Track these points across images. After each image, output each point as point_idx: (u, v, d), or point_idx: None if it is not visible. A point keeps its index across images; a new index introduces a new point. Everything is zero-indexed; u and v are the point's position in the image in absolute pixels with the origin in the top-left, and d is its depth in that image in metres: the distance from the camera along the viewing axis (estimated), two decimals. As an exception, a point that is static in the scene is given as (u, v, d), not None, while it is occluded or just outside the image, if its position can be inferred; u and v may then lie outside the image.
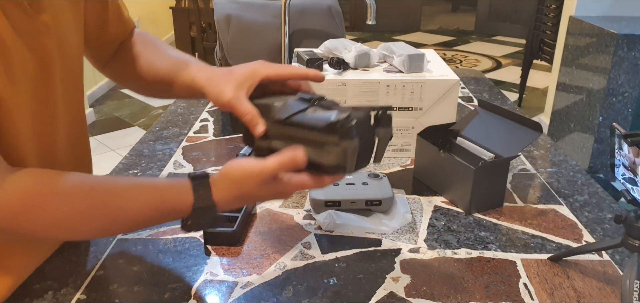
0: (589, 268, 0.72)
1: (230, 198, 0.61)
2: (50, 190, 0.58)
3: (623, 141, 0.60)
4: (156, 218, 0.63)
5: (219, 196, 0.61)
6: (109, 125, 3.62)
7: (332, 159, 0.58)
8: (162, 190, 0.62)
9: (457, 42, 6.26)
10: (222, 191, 0.61)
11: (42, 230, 0.59)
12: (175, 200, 0.61)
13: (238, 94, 0.64)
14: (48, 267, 0.71)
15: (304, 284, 0.68)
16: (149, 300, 0.65)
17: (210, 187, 0.61)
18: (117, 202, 0.60)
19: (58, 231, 0.61)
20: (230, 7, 1.31)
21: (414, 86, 0.99)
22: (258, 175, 0.59)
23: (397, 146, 1.05)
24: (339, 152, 0.57)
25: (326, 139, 0.57)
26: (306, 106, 0.61)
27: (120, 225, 0.63)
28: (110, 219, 0.61)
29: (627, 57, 2.50)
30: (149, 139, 1.13)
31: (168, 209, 0.61)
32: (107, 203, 0.60)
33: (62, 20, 0.66)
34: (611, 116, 2.61)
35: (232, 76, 0.66)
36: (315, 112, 0.60)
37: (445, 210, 0.86)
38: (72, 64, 0.70)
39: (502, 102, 1.38)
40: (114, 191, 0.61)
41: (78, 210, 0.59)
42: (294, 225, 0.81)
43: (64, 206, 0.58)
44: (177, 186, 0.62)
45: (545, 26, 3.52)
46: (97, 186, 0.61)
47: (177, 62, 0.76)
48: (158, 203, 0.61)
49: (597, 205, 0.89)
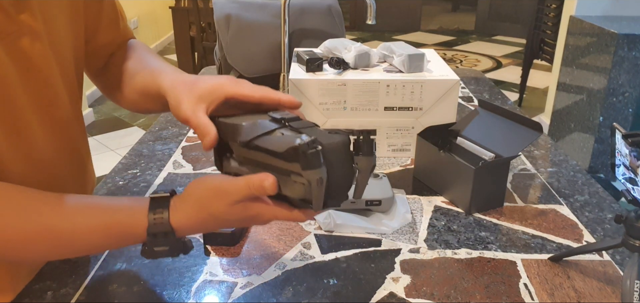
0: (590, 269, 0.71)
1: (194, 220, 0.55)
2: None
3: (623, 140, 0.59)
4: (109, 242, 0.58)
5: (179, 218, 0.55)
6: (108, 125, 3.62)
7: (297, 191, 0.50)
8: (114, 212, 0.57)
9: (457, 42, 6.26)
10: (184, 212, 0.55)
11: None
12: (127, 224, 0.56)
13: (195, 108, 0.57)
14: (48, 267, 0.71)
15: (304, 284, 0.68)
16: (149, 300, 0.65)
17: (168, 209, 0.55)
18: (64, 225, 0.56)
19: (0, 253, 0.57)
20: (230, 7, 1.30)
21: (414, 85, 0.99)
22: (228, 195, 0.53)
23: (397, 146, 1.05)
24: (302, 183, 0.49)
25: (289, 166, 0.49)
26: (274, 127, 0.53)
27: (67, 250, 0.58)
28: (54, 244, 0.56)
29: (627, 57, 2.50)
30: (148, 139, 1.13)
31: (119, 233, 0.56)
32: (53, 227, 0.55)
33: (54, 22, 0.64)
34: (611, 116, 2.61)
35: (194, 87, 0.60)
36: (283, 135, 0.52)
37: (446, 210, 0.86)
38: (66, 63, 0.68)
39: (502, 102, 1.38)
40: (61, 213, 0.56)
41: (21, 233, 0.54)
42: (293, 225, 0.81)
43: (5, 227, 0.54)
44: (131, 207, 0.57)
45: (546, 26, 3.52)
46: (43, 206, 0.56)
47: (150, 71, 0.70)
48: (108, 227, 0.56)
49: (597, 205, 0.89)
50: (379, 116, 1.01)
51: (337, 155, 0.51)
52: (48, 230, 0.56)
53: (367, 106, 1.00)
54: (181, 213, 0.55)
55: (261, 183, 0.51)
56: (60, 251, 0.59)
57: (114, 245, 0.60)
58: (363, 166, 0.53)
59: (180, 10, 4.17)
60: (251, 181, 0.51)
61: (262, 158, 0.52)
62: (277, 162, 0.51)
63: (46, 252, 0.59)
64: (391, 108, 1.01)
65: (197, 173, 0.98)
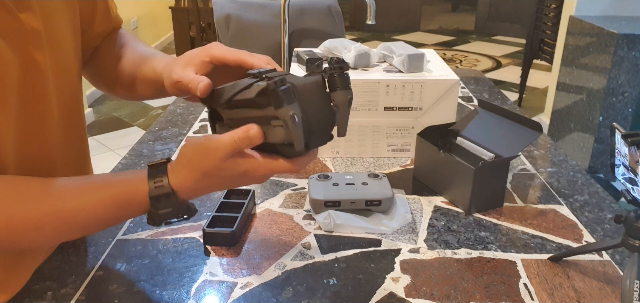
0: (589, 268, 0.72)
1: (191, 180, 0.57)
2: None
3: (623, 140, 0.59)
4: (114, 215, 0.60)
5: (177, 180, 0.57)
6: (108, 125, 3.62)
7: (278, 135, 0.53)
8: (115, 185, 0.59)
9: (457, 42, 6.26)
10: (180, 174, 0.57)
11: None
12: (129, 193, 0.58)
13: (184, 69, 0.62)
14: (47, 267, 0.71)
15: (304, 284, 0.68)
16: (149, 300, 0.65)
17: (167, 173, 0.57)
18: (68, 205, 0.57)
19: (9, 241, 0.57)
20: (230, 7, 1.30)
21: (413, 85, 0.99)
22: (216, 151, 0.55)
23: (397, 146, 1.05)
24: (281, 125, 0.51)
25: (266, 113, 0.52)
26: (252, 81, 0.55)
27: (74, 229, 0.60)
28: (61, 225, 0.57)
29: (627, 57, 2.50)
30: (148, 140, 1.13)
31: (123, 203, 0.58)
32: (59, 208, 0.57)
33: (54, 19, 0.64)
34: (611, 116, 2.61)
35: (183, 57, 0.64)
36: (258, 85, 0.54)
37: (445, 210, 0.86)
38: (66, 63, 0.68)
39: (502, 102, 1.38)
40: (64, 194, 0.58)
41: (28, 220, 0.55)
42: (293, 225, 0.81)
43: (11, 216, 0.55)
44: (131, 178, 0.59)
45: (545, 26, 3.53)
46: (46, 191, 0.58)
47: (144, 58, 0.73)
48: (111, 199, 0.58)
49: (597, 204, 0.89)
50: (378, 116, 1.01)
51: (311, 94, 0.53)
52: (54, 212, 0.57)
53: (366, 106, 1.00)
54: (178, 175, 0.58)
55: (246, 134, 0.54)
56: (67, 231, 0.60)
57: (118, 217, 0.61)
58: (340, 100, 0.55)
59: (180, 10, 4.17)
60: (236, 134, 0.55)
61: (244, 114, 0.55)
62: (256, 112, 0.53)
63: (54, 235, 0.60)
64: (391, 108, 1.01)
65: (197, 173, 0.98)
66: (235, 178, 0.58)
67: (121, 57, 0.78)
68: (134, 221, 0.81)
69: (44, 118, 0.64)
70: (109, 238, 0.77)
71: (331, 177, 0.88)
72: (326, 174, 0.88)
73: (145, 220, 0.60)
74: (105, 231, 0.79)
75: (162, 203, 0.58)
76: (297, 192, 0.91)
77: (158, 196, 0.57)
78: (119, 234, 0.78)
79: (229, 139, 0.55)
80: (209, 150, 0.56)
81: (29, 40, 0.59)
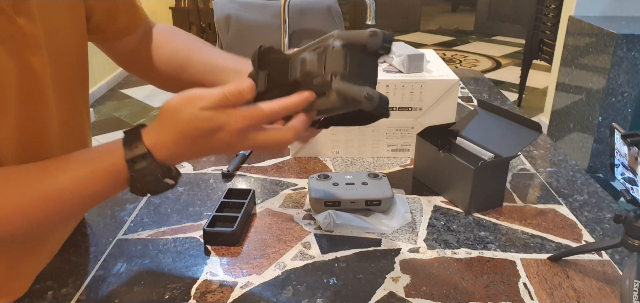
0: (589, 268, 0.72)
1: (167, 134, 0.54)
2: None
3: (622, 140, 0.60)
4: (95, 188, 0.57)
5: (154, 139, 0.55)
6: (108, 125, 3.62)
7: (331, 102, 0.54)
8: (93, 158, 0.57)
9: (456, 42, 6.26)
10: (155, 130, 0.55)
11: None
12: (107, 162, 0.56)
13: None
14: (48, 267, 0.71)
15: (304, 284, 0.68)
16: (149, 300, 0.65)
17: (140, 133, 0.55)
18: (50, 186, 0.55)
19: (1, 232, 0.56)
20: (230, 7, 1.31)
21: (413, 86, 0.99)
22: (199, 99, 0.52)
23: (397, 146, 1.05)
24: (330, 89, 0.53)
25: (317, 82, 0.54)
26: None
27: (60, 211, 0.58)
28: (47, 207, 0.56)
29: (626, 57, 2.50)
30: (148, 140, 1.13)
31: (103, 175, 0.56)
32: (41, 192, 0.55)
33: (56, 23, 0.64)
34: (611, 116, 2.61)
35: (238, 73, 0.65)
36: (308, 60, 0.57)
37: (445, 210, 0.86)
38: (67, 69, 0.67)
39: (502, 102, 1.38)
40: (43, 176, 0.56)
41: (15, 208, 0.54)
42: (293, 225, 0.81)
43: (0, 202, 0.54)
44: (108, 148, 0.57)
45: (545, 26, 3.53)
46: (26, 177, 0.56)
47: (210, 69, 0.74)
48: (91, 173, 0.56)
49: (596, 204, 0.89)
50: (378, 116, 1.01)
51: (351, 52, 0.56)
52: (38, 197, 0.55)
53: (366, 106, 1.00)
54: (153, 132, 0.55)
55: (238, 88, 0.52)
56: (54, 213, 0.58)
57: (102, 192, 0.58)
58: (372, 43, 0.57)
59: (180, 10, 4.17)
60: (227, 87, 0.52)
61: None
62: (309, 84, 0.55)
63: (44, 219, 0.58)
64: (391, 108, 1.01)
65: (197, 173, 0.98)
66: (214, 132, 0.54)
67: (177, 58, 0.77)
68: (135, 221, 0.81)
69: (43, 124, 0.63)
70: (110, 238, 0.78)
71: (331, 177, 0.88)
72: (326, 174, 0.89)
73: (145, 220, 0.60)
74: (105, 232, 0.79)
75: (138, 164, 0.55)
76: (297, 192, 0.91)
77: (133, 158, 0.55)
78: (119, 234, 0.78)
79: (219, 91, 0.52)
80: (193, 98, 0.53)
81: (26, 45, 0.58)
